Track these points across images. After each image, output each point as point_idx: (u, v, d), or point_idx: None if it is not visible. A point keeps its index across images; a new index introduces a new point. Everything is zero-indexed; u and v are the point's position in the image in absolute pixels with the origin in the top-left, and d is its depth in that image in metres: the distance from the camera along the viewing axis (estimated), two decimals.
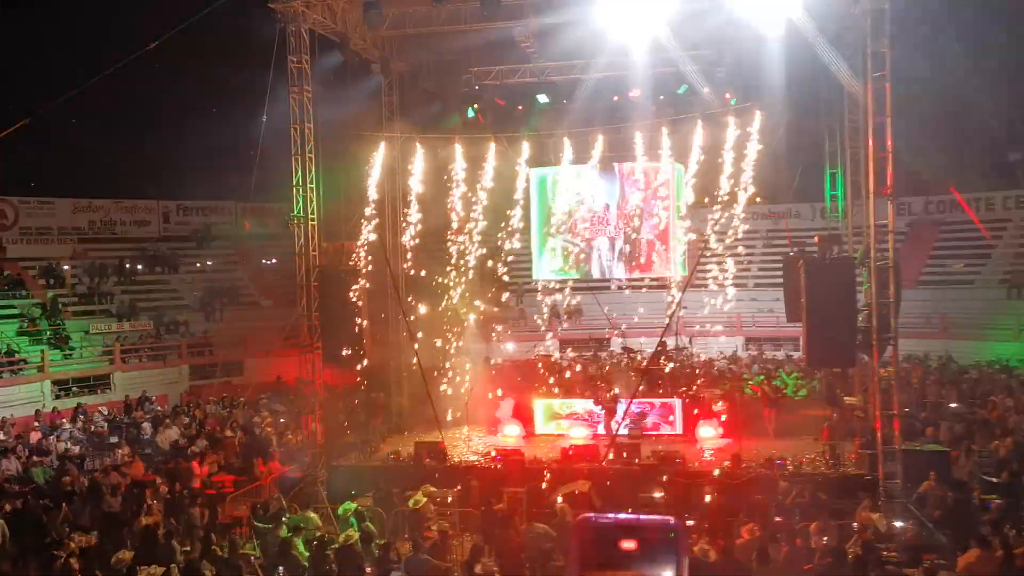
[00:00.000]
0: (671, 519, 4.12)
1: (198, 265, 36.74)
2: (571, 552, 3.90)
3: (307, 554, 13.12)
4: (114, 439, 22.83)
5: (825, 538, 13.40)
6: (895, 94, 15.77)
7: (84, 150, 37.45)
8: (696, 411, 20.66)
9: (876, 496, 15.52)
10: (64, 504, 16.12)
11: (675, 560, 3.96)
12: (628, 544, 3.95)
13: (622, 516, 3.74)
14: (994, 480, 15.96)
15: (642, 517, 4.13)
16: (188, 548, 13.70)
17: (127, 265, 34.92)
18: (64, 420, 24.43)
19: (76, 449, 22.05)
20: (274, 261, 37.05)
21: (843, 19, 18.32)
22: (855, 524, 14.23)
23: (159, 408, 26.83)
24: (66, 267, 33.61)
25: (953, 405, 21.42)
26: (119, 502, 16.60)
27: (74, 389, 28.13)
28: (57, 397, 27.43)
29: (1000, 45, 30.58)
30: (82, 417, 24.88)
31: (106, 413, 25.87)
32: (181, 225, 37.88)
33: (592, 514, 3.94)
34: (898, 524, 14.57)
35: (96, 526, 15.16)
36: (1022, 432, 18.36)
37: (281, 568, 12.75)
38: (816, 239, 18.53)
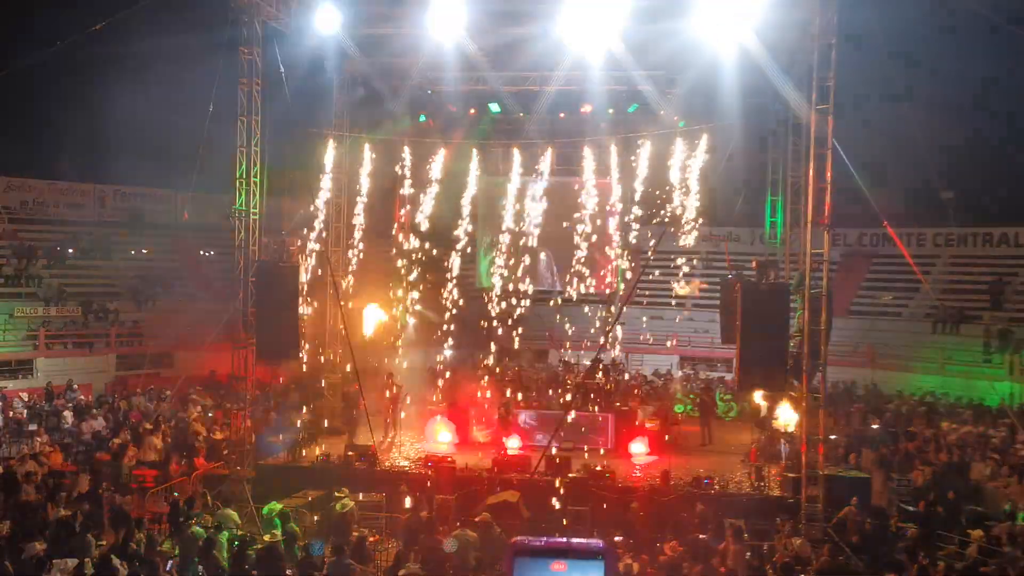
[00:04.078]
0: (600, 542, 4.19)
1: (132, 252, 35.83)
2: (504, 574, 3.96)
3: (227, 555, 12.87)
4: (33, 427, 22.09)
5: (748, 554, 13.63)
6: (841, 126, 16.15)
7: (19, 128, 36.27)
8: (628, 427, 20.91)
9: (797, 519, 15.83)
10: None
11: None
12: (559, 566, 4.02)
13: (554, 539, 3.87)
14: (911, 508, 16.43)
15: (573, 540, 4.22)
16: (104, 542, 13.32)
17: (58, 248, 33.87)
18: None
19: None
20: (212, 253, 36.32)
21: (794, 52, 18.76)
22: (765, 545, 14.51)
23: (82, 397, 26.05)
24: None
25: (875, 426, 22.02)
26: (35, 491, 16.07)
27: None
28: None
29: (941, 87, 31.73)
30: (1, 403, 24.03)
31: (26, 399, 25.04)
32: (117, 210, 36.88)
33: (525, 537, 4.07)
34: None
35: (9, 515, 14.65)
36: (940, 463, 18.93)
37: (201, 567, 12.47)
38: (754, 263, 18.87)
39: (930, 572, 12.50)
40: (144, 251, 36.07)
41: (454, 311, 25.42)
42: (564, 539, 4.47)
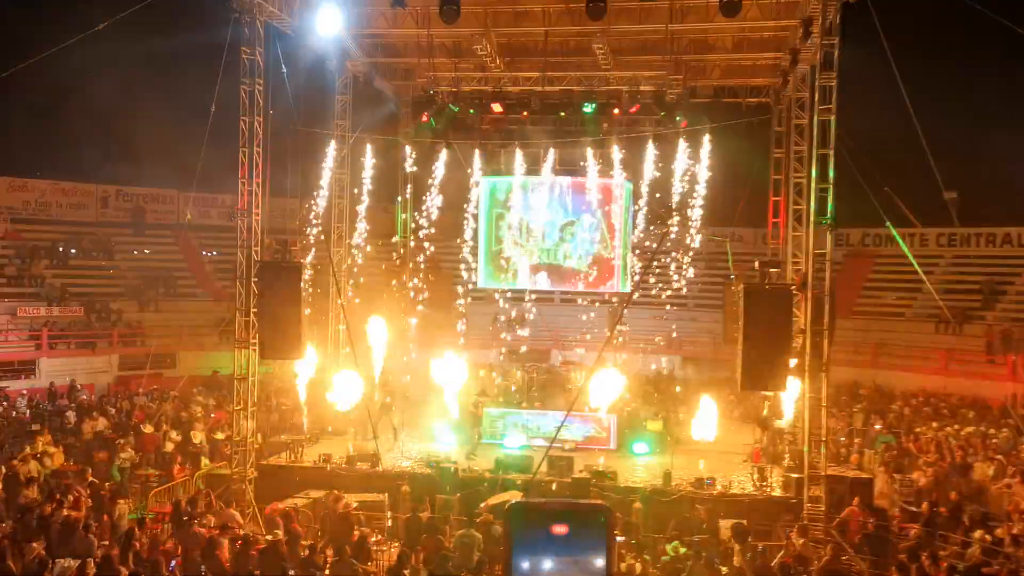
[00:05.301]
0: (602, 503, 4.15)
1: (135, 252, 35.85)
2: (503, 537, 3.91)
3: (229, 555, 12.87)
4: (35, 427, 22.10)
5: (749, 554, 13.62)
6: (843, 126, 16.11)
7: (21, 128, 36.31)
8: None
9: (799, 519, 15.81)
10: None
11: (605, 543, 4.01)
12: (559, 528, 3.98)
13: (553, 500, 3.79)
14: (913, 509, 16.40)
15: (573, 501, 4.18)
16: (106, 542, 13.32)
17: (60, 248, 33.90)
18: None
19: None
20: (215, 253, 36.35)
21: (796, 52, 18.75)
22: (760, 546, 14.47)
23: (84, 396, 26.06)
24: None
25: (878, 427, 21.98)
26: (36, 492, 16.06)
27: None
28: None
29: (944, 89, 31.74)
30: (4, 403, 24.06)
31: (27, 397, 25.06)
32: (120, 210, 36.89)
33: (523, 499, 3.99)
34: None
35: (11, 515, 14.66)
36: (943, 464, 18.89)
37: (203, 567, 12.48)
38: (756, 264, 18.83)
39: (932, 573, 12.47)
40: (147, 251, 36.10)
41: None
42: (564, 500, 4.43)
